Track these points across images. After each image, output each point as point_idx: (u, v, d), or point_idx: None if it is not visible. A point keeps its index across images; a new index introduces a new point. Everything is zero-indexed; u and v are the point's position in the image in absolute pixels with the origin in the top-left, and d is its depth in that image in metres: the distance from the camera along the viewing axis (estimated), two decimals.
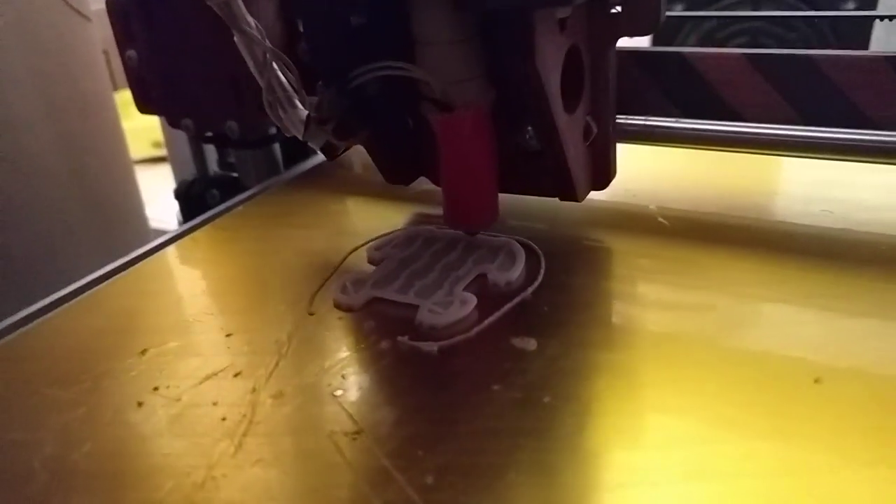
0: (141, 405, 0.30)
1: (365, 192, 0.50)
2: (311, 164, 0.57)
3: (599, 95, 0.39)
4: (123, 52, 0.55)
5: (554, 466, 0.25)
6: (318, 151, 0.39)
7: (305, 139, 0.35)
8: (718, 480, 0.24)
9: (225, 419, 0.29)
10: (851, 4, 0.77)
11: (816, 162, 0.40)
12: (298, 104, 0.35)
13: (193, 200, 0.59)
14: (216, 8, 0.32)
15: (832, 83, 0.39)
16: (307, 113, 0.35)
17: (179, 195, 0.60)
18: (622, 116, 0.42)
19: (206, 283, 0.41)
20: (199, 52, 0.50)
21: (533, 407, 0.28)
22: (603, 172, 0.41)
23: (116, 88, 0.72)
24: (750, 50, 0.41)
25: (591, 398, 0.29)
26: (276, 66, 0.33)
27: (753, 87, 0.41)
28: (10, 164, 0.57)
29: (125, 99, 0.69)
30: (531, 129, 0.39)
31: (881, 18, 0.62)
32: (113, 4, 0.54)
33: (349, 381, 0.30)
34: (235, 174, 0.60)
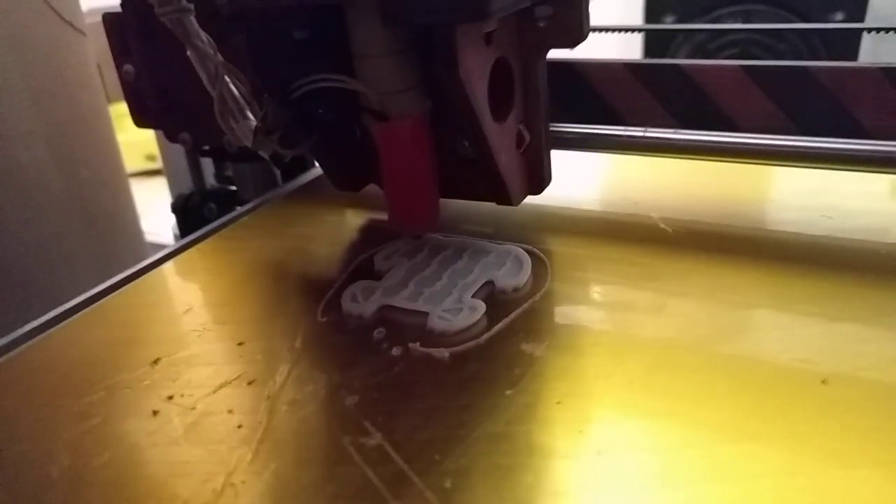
0: (156, 414, 0.30)
1: (364, 203, 0.50)
2: (309, 177, 0.57)
3: (531, 105, 0.41)
4: (120, 66, 0.55)
5: (570, 469, 0.26)
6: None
7: (254, 148, 0.36)
8: (731, 482, 0.24)
9: (241, 426, 0.29)
10: (840, 16, 0.78)
11: (812, 171, 0.40)
12: (249, 115, 0.36)
13: (191, 214, 0.59)
14: (169, 24, 0.33)
15: (828, 94, 0.40)
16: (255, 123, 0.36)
17: (177, 208, 0.60)
18: (622, 128, 0.43)
19: (213, 293, 0.41)
20: None
21: (545, 409, 0.28)
22: (537, 178, 0.43)
23: (110, 101, 0.72)
24: (747, 62, 0.41)
25: (601, 401, 0.29)
26: (227, 78, 0.34)
27: (750, 98, 0.41)
28: (4, 176, 0.57)
29: (118, 112, 0.69)
30: (466, 137, 0.40)
31: (868, 31, 0.63)
32: (110, 19, 0.54)
33: (363, 387, 0.31)
34: (233, 187, 0.60)
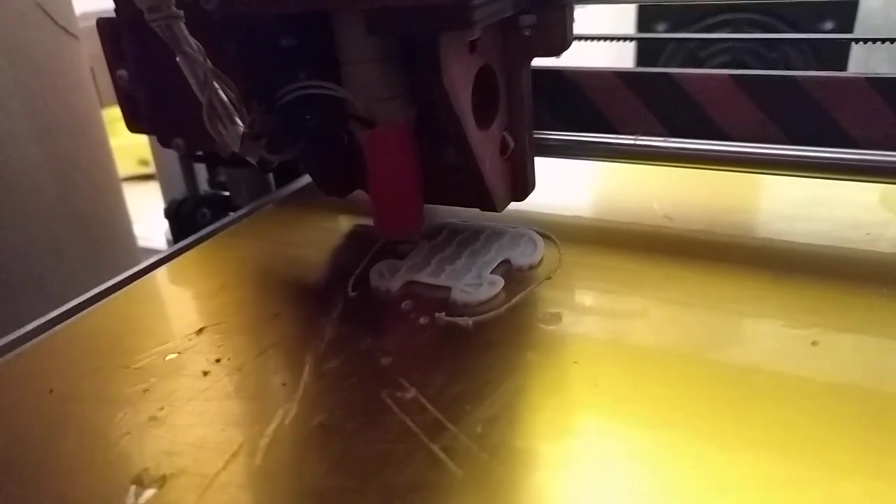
0: (206, 374, 0.33)
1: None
2: (302, 182, 0.57)
3: (515, 112, 0.41)
4: (114, 71, 0.54)
5: (589, 416, 0.29)
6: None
7: (242, 154, 0.37)
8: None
9: (285, 384, 0.32)
10: (829, 24, 0.79)
11: (800, 180, 0.41)
12: (238, 121, 0.36)
13: (184, 219, 0.59)
14: (158, 30, 0.33)
15: (815, 103, 0.40)
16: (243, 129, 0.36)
17: (170, 214, 0.60)
18: (614, 136, 0.43)
19: (238, 278, 0.43)
20: None
21: (563, 368, 0.32)
22: (521, 184, 0.43)
23: (103, 105, 0.72)
24: (736, 71, 0.42)
25: (614, 360, 0.32)
26: (216, 84, 0.35)
27: (739, 106, 0.42)
28: None
29: (111, 116, 0.69)
30: (451, 144, 0.40)
31: (855, 41, 0.64)
32: (104, 24, 0.54)
33: (396, 350, 0.34)
34: (226, 193, 0.60)
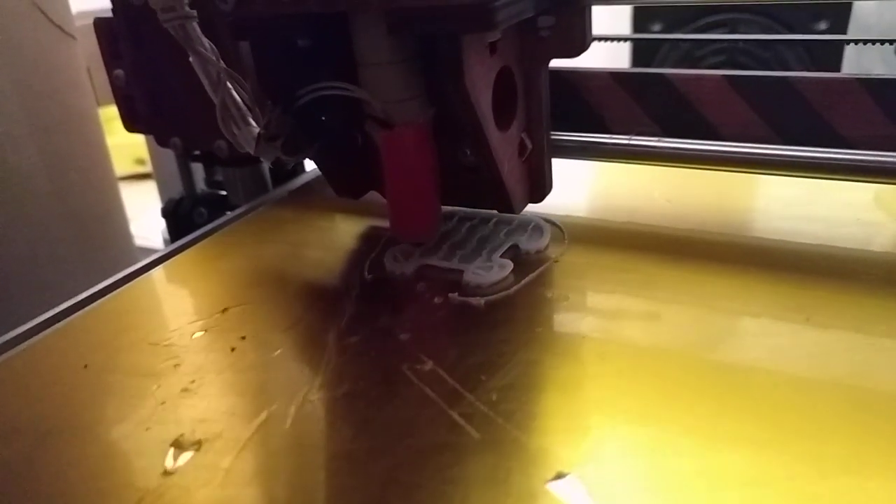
0: (234, 350, 0.35)
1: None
2: (300, 181, 0.57)
3: (533, 113, 0.41)
4: (111, 71, 0.55)
5: (597, 386, 0.31)
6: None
7: (257, 155, 0.37)
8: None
9: (310, 358, 0.34)
10: (823, 25, 0.79)
11: (792, 179, 0.41)
12: (251, 121, 0.36)
13: (181, 219, 0.59)
14: (172, 30, 0.33)
15: (808, 104, 0.40)
16: (258, 130, 0.36)
17: (167, 213, 0.60)
18: (608, 136, 0.43)
19: (245, 275, 0.44)
20: (187, 71, 0.50)
21: (572, 342, 0.34)
22: (538, 186, 0.43)
23: (99, 104, 0.72)
24: (729, 71, 0.42)
25: (621, 334, 0.34)
26: (230, 84, 0.35)
27: (732, 106, 0.42)
28: None
29: (108, 115, 0.69)
30: (468, 145, 0.41)
31: (847, 42, 0.64)
32: (101, 24, 0.54)
33: (413, 327, 0.36)
34: (223, 192, 0.61)
